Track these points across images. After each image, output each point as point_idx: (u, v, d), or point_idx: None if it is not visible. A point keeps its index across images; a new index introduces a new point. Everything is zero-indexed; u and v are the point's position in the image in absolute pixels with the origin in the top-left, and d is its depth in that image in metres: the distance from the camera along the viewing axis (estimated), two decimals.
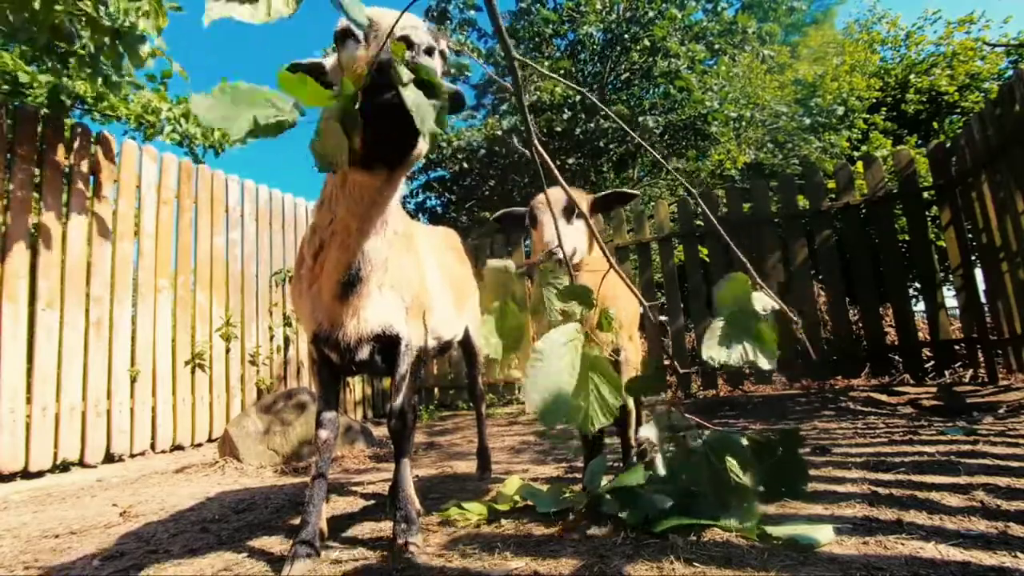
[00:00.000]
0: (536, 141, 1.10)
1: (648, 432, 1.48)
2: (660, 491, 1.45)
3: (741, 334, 1.21)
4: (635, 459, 1.97)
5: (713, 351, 1.22)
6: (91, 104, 5.12)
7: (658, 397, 5.02)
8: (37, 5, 3.13)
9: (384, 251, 1.46)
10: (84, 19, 3.33)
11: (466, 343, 2.51)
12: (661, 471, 1.48)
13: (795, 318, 1.17)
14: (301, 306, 1.59)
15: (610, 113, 1.11)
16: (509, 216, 2.06)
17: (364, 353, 1.50)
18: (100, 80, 3.70)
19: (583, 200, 1.85)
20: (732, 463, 1.39)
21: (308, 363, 5.45)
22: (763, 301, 1.22)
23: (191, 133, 5.78)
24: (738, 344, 1.21)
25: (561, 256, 1.50)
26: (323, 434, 1.52)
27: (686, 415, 1.49)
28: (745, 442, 1.44)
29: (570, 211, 1.79)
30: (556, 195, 1.78)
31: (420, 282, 1.69)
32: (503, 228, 2.16)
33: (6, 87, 4.50)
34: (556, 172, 1.15)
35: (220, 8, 0.73)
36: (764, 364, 1.18)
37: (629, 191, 1.89)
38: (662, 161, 1.14)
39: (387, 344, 1.55)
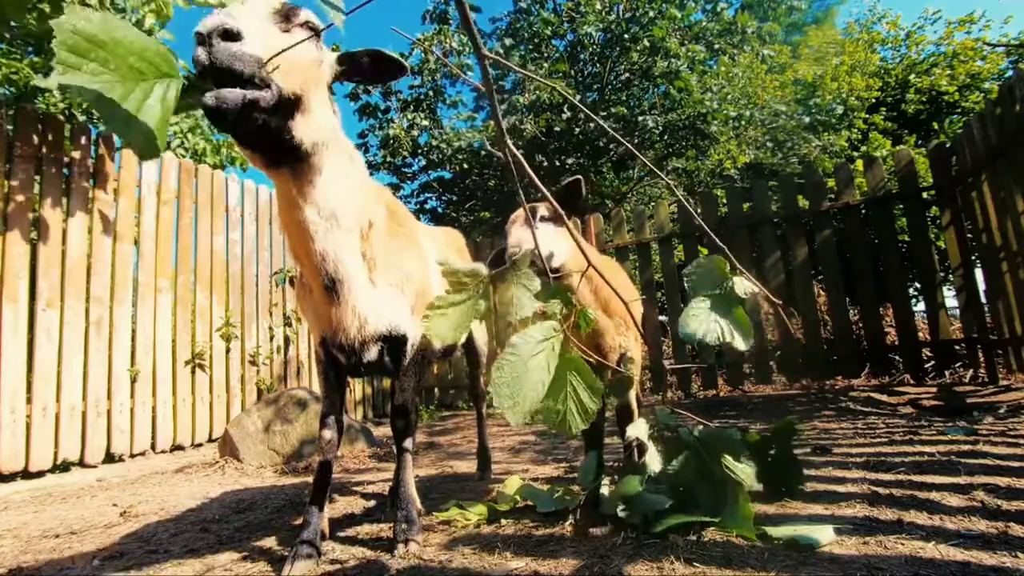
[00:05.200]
0: (508, 140, 1.05)
1: (637, 430, 1.47)
2: (659, 491, 1.45)
3: (719, 315, 1.22)
4: (635, 458, 1.97)
5: (689, 328, 1.22)
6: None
7: (656, 396, 5.03)
8: (47, 7, 3.14)
9: (354, 247, 1.39)
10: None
11: (469, 344, 2.51)
12: (654, 468, 1.47)
13: (793, 311, 1.18)
14: (306, 309, 1.59)
15: (600, 122, 1.08)
16: (499, 257, 1.87)
17: (372, 354, 1.49)
18: None
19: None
20: (727, 459, 1.39)
21: (315, 363, 5.41)
22: (744, 285, 1.23)
23: (200, 148, 5.80)
24: (715, 324, 1.21)
25: (538, 258, 1.35)
26: (327, 434, 1.53)
27: (686, 414, 1.49)
28: (738, 436, 1.44)
29: (534, 214, 1.70)
30: (522, 211, 1.69)
31: (425, 280, 1.68)
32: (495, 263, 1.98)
33: (14, 91, 4.51)
34: (529, 170, 1.09)
35: None
36: (740, 345, 1.20)
37: (571, 179, 1.78)
38: (656, 170, 1.12)
39: (395, 344, 1.54)
